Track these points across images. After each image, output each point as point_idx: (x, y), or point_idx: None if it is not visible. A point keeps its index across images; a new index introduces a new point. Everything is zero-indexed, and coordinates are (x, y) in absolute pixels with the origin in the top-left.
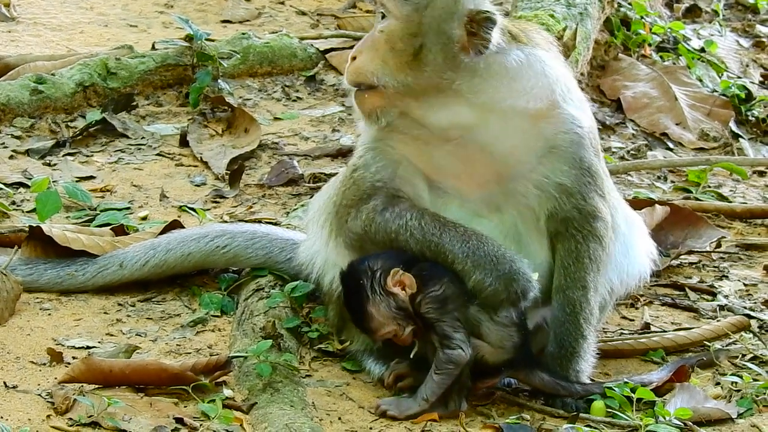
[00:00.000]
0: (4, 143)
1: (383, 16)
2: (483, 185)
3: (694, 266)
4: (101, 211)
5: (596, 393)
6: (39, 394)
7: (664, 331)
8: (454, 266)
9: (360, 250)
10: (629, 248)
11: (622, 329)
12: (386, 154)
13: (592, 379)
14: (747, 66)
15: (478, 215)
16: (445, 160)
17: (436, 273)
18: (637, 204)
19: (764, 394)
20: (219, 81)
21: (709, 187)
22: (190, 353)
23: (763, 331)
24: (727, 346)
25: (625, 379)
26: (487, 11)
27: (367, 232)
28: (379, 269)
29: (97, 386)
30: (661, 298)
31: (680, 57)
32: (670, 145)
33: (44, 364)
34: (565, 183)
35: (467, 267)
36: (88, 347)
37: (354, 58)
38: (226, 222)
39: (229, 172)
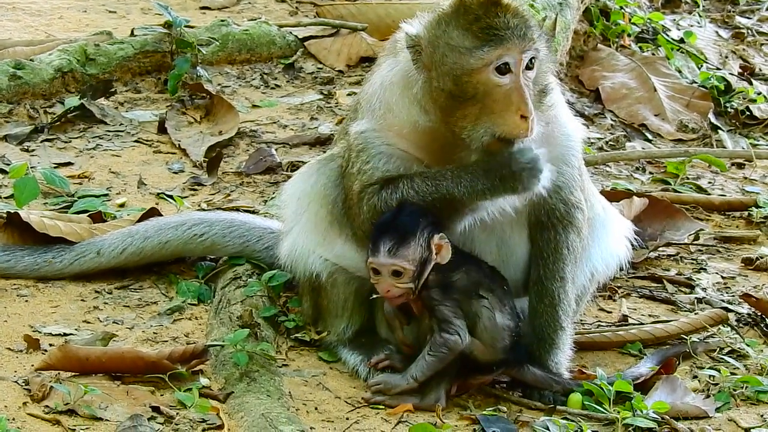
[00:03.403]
0: None
1: (529, 69)
2: None
3: (672, 258)
4: (79, 197)
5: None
6: (15, 381)
7: (642, 324)
8: (464, 203)
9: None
10: (607, 235)
11: (599, 321)
12: (385, 150)
13: (572, 372)
14: (726, 57)
15: None
16: (448, 162)
17: (457, 262)
18: (615, 195)
19: (742, 388)
20: (198, 68)
21: (688, 178)
22: (166, 341)
23: (740, 325)
24: (704, 339)
25: (618, 374)
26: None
27: (375, 216)
28: (433, 224)
29: (73, 374)
30: (638, 290)
31: (659, 48)
32: (649, 137)
33: (21, 351)
34: (554, 183)
35: (476, 198)
36: (64, 334)
37: (527, 117)
38: (203, 210)
39: (207, 159)
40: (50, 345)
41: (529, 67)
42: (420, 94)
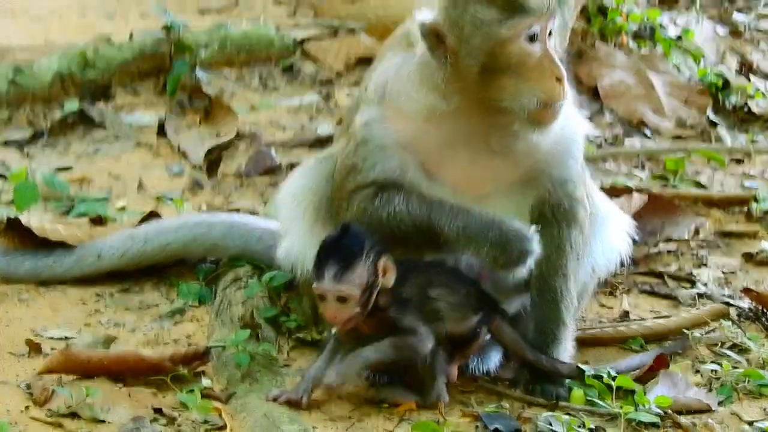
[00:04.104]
0: None
1: (551, 33)
2: (476, 182)
3: (672, 254)
4: (79, 201)
5: (561, 370)
6: (18, 385)
7: (643, 319)
8: (448, 244)
9: None
10: (608, 231)
11: (600, 317)
12: (384, 145)
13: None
14: (724, 54)
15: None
16: (453, 162)
17: (402, 276)
18: (614, 192)
19: (744, 382)
20: (196, 71)
21: (687, 174)
22: (168, 343)
23: (741, 319)
24: (706, 333)
25: (608, 368)
26: None
27: (361, 220)
28: (379, 246)
29: (75, 377)
30: (639, 286)
31: (657, 45)
32: (648, 133)
33: (23, 355)
34: (559, 176)
35: (460, 243)
36: (66, 338)
37: (561, 81)
38: (203, 212)
39: (206, 161)
40: (52, 349)
41: (551, 34)
42: (442, 80)
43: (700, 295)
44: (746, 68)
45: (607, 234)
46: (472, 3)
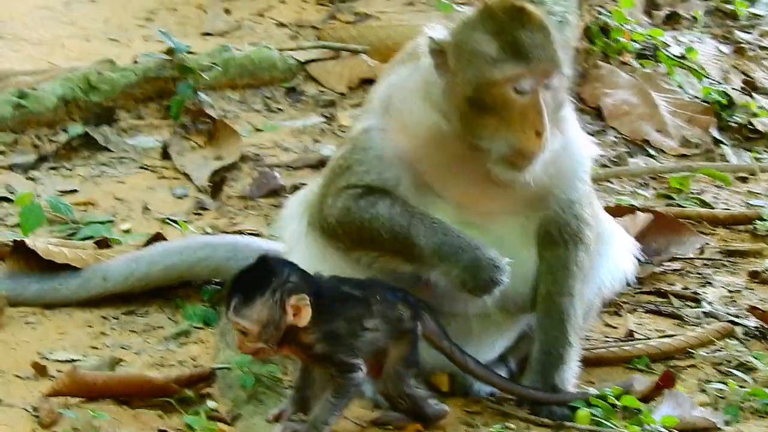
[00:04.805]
0: None
1: (548, 87)
2: (481, 201)
3: (677, 273)
4: (84, 224)
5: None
6: (24, 408)
7: (648, 339)
8: (421, 259)
9: (334, 239)
10: (613, 251)
11: (605, 337)
12: (383, 155)
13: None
14: (727, 72)
15: (469, 224)
16: (459, 182)
17: (332, 311)
18: (619, 211)
19: (750, 401)
20: (200, 93)
21: (692, 193)
22: (173, 365)
23: (747, 338)
24: (711, 352)
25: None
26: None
27: (342, 219)
28: (292, 283)
29: (81, 399)
30: (644, 305)
31: (660, 64)
32: (652, 152)
33: (29, 377)
34: (567, 197)
35: (434, 260)
36: (72, 360)
37: (540, 135)
38: (208, 234)
39: (210, 184)
40: (58, 371)
41: (548, 87)
42: (441, 99)
43: (706, 314)
44: (750, 86)
45: (613, 254)
46: (478, 32)
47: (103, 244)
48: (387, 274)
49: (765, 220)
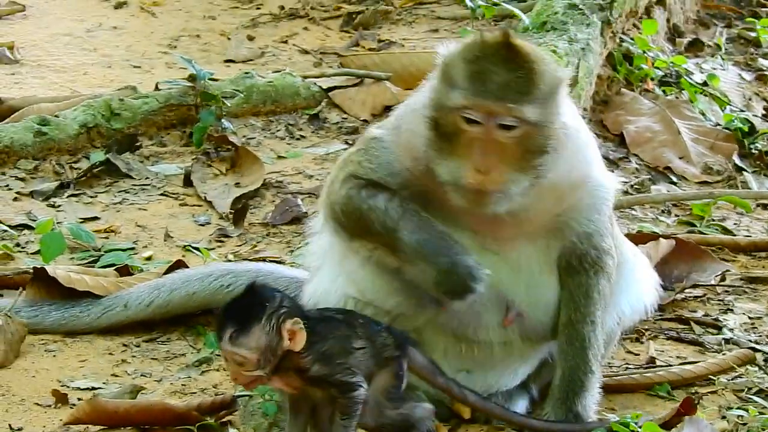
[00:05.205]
0: (8, 185)
1: (508, 127)
2: (501, 231)
3: (698, 300)
4: (105, 251)
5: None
6: None
7: (670, 366)
8: (404, 254)
9: (338, 227)
10: (635, 281)
11: (627, 364)
12: (391, 165)
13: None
14: (750, 99)
15: (488, 250)
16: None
17: (321, 332)
18: (641, 238)
19: None
20: (222, 120)
21: (713, 220)
22: (195, 393)
23: None
24: (732, 379)
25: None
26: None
27: (345, 207)
28: (286, 308)
29: (102, 427)
30: (666, 332)
31: (683, 91)
32: (674, 179)
33: (49, 405)
34: (585, 231)
35: (414, 256)
36: (93, 388)
37: (482, 172)
38: (230, 261)
39: (233, 211)
40: (79, 399)
41: (506, 128)
42: None
43: (727, 341)
44: None
45: (635, 283)
46: (459, 56)
47: (125, 271)
48: (399, 285)
49: None
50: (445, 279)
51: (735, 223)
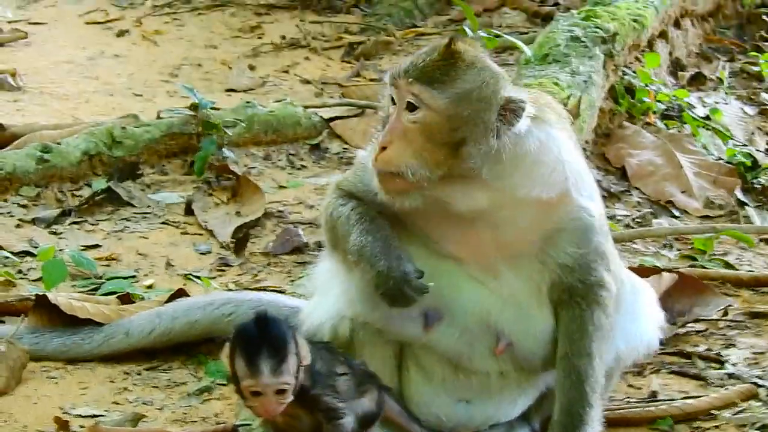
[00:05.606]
0: (10, 212)
1: (413, 108)
2: (483, 256)
3: (701, 334)
4: (107, 279)
5: None
6: None
7: (672, 400)
8: (348, 255)
9: (326, 239)
10: (636, 316)
11: (629, 397)
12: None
13: None
14: (752, 134)
15: (475, 279)
16: (449, 229)
17: (312, 351)
18: (643, 272)
19: None
20: (224, 149)
21: (716, 255)
22: (196, 422)
23: None
24: (735, 414)
25: None
26: (521, 101)
27: (324, 217)
28: (293, 327)
29: None
30: (668, 366)
31: (685, 125)
32: (676, 213)
33: None
34: (567, 263)
35: (356, 258)
36: (94, 416)
37: (384, 148)
38: (231, 290)
39: (234, 240)
40: (80, 426)
41: (411, 108)
42: None
43: (729, 376)
44: None
45: (637, 317)
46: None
47: (126, 299)
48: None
49: None
50: (382, 282)
51: (737, 258)
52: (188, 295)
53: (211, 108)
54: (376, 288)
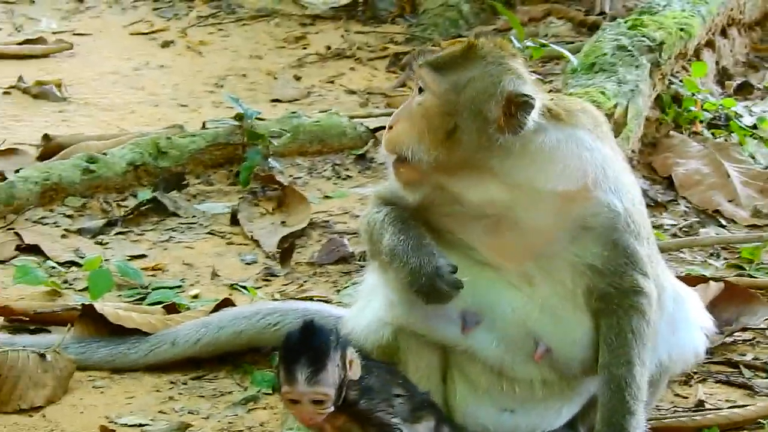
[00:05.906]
0: (56, 222)
1: (420, 90)
2: (516, 259)
3: (748, 343)
4: (153, 289)
5: None
6: None
7: (719, 409)
8: (382, 256)
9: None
10: (680, 325)
11: (675, 406)
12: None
13: None
14: None
15: (512, 286)
16: (480, 232)
17: (367, 366)
18: (689, 281)
19: None
20: (269, 160)
21: (763, 264)
22: (242, 431)
23: None
24: None
25: None
26: (526, 95)
27: (363, 226)
28: (342, 338)
29: None
30: (714, 375)
31: (732, 134)
32: (723, 222)
33: None
34: (596, 264)
35: (389, 258)
36: (140, 425)
37: (391, 128)
38: (277, 300)
39: (279, 250)
40: None
41: (420, 91)
42: None
43: None
44: None
45: (681, 325)
46: None
47: (172, 309)
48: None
49: None
50: (415, 278)
51: None
52: (234, 305)
53: (257, 118)
54: (410, 285)
